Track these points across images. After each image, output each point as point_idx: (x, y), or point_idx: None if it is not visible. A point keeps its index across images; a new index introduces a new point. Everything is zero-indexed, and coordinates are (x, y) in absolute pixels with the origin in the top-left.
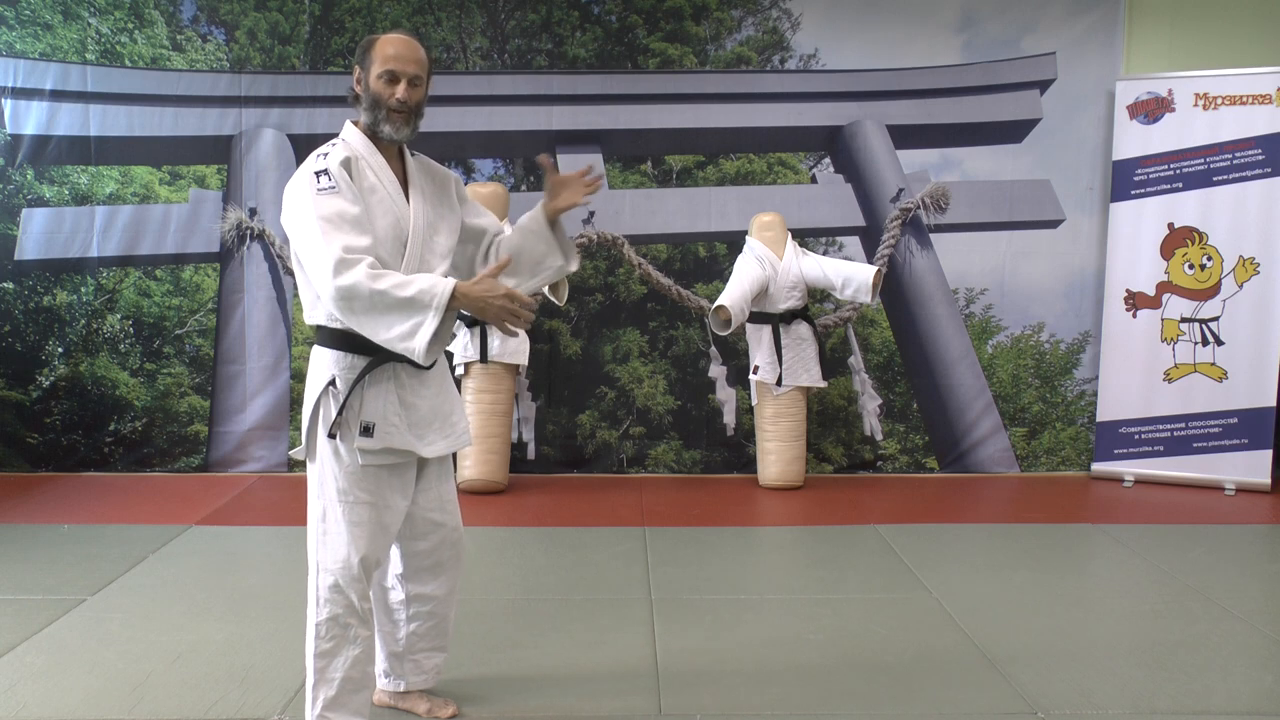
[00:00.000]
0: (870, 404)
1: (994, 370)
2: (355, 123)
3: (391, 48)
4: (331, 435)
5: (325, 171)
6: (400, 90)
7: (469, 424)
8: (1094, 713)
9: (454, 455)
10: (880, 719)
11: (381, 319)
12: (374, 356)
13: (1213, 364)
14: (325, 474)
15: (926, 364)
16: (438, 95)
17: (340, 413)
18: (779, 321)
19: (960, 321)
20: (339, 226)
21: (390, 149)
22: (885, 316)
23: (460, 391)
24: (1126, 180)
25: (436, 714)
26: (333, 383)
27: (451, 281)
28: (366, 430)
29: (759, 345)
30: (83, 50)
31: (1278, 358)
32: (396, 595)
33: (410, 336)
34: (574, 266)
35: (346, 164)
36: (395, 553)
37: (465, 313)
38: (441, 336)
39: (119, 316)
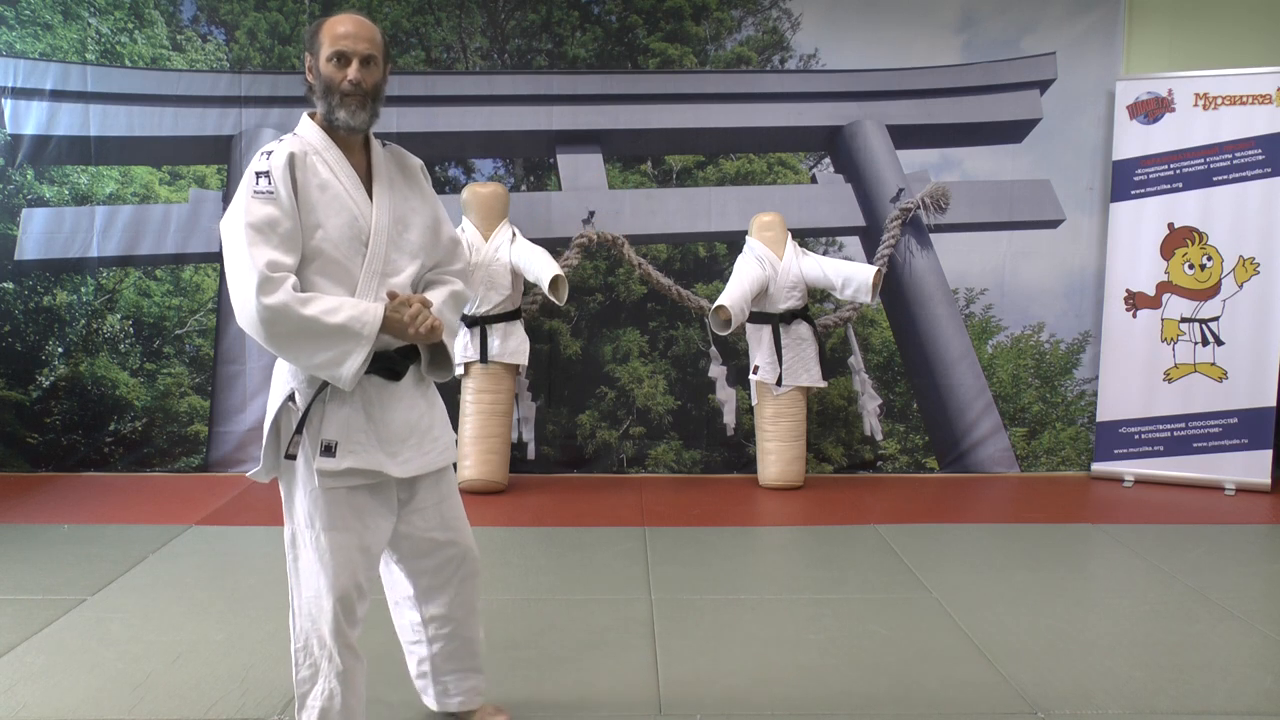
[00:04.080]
0: (870, 404)
1: (994, 370)
2: (312, 115)
3: (340, 27)
4: (290, 456)
5: (266, 174)
6: (352, 71)
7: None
8: (1094, 713)
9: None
10: (880, 719)
11: (305, 345)
12: None
13: (1213, 364)
14: (294, 496)
15: (926, 364)
16: (438, 95)
17: (299, 430)
18: (779, 321)
19: (960, 321)
20: (267, 238)
21: (352, 141)
22: (885, 316)
23: (460, 391)
24: (1126, 180)
25: None
26: (291, 397)
27: (380, 307)
28: (328, 449)
29: (759, 345)
30: (83, 50)
31: (1278, 358)
32: (414, 616)
33: (338, 365)
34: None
35: (292, 161)
36: (401, 574)
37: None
38: (365, 364)
39: (119, 316)
